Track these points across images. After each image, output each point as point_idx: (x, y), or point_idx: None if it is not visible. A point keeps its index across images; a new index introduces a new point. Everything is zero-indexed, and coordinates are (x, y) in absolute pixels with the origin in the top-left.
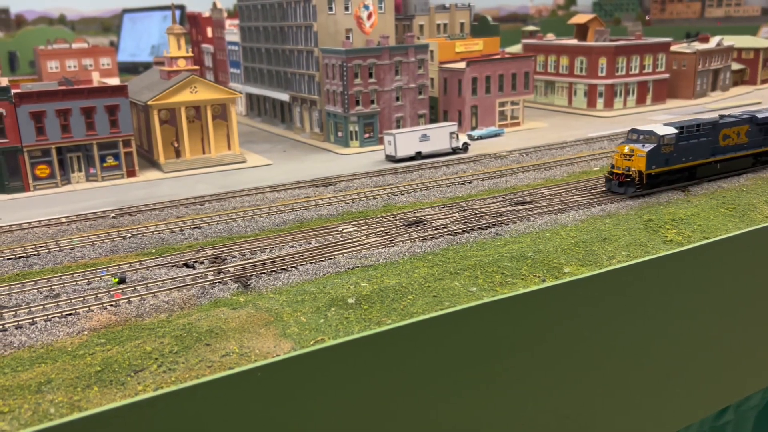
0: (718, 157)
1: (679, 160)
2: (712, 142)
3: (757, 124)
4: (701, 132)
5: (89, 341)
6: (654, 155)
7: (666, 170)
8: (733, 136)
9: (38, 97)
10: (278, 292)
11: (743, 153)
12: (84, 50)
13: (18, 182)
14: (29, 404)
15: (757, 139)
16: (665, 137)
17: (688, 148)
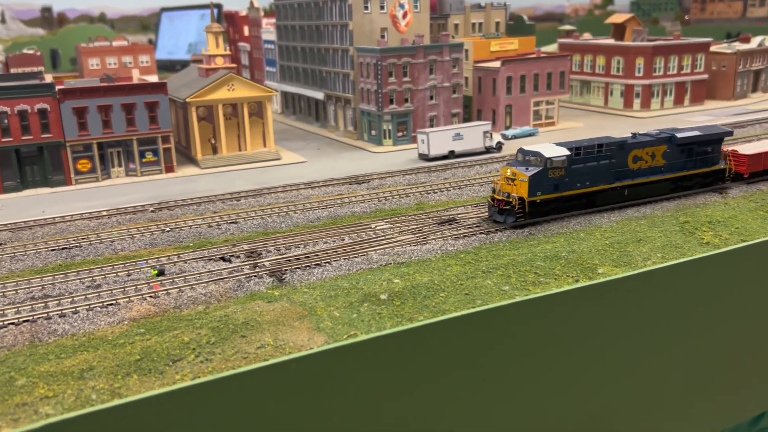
0: (626, 182)
1: (573, 186)
2: (617, 165)
3: (677, 144)
4: (603, 153)
5: (129, 331)
6: (539, 180)
7: (555, 197)
8: (646, 158)
9: (81, 93)
10: (312, 286)
11: (658, 177)
12: (124, 48)
13: (60, 176)
14: (72, 390)
15: (677, 161)
16: (553, 160)
17: (585, 173)
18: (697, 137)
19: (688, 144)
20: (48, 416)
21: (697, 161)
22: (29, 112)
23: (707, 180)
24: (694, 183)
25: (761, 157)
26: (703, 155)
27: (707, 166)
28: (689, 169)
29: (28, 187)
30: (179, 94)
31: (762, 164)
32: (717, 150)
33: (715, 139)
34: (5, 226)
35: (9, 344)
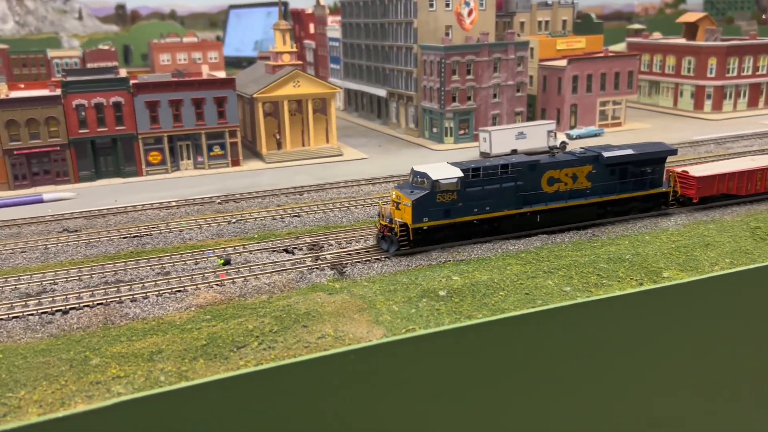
0: (538, 206)
1: (468, 211)
2: (526, 188)
3: (605, 164)
4: (507, 175)
5: (196, 317)
6: (424, 205)
7: (446, 224)
8: (565, 180)
9: (153, 87)
10: (372, 280)
11: (581, 202)
12: (194, 44)
13: (132, 167)
14: (142, 371)
15: (607, 183)
16: (441, 182)
17: (483, 197)
18: (630, 156)
19: (620, 164)
20: (119, 395)
21: (633, 183)
22: (105, 105)
23: (647, 204)
24: (630, 208)
25: (714, 181)
26: (640, 176)
27: (645, 189)
28: (622, 192)
29: (102, 177)
30: (246, 89)
31: (715, 188)
32: (659, 171)
33: (655, 159)
34: (81, 213)
35: (84, 325)
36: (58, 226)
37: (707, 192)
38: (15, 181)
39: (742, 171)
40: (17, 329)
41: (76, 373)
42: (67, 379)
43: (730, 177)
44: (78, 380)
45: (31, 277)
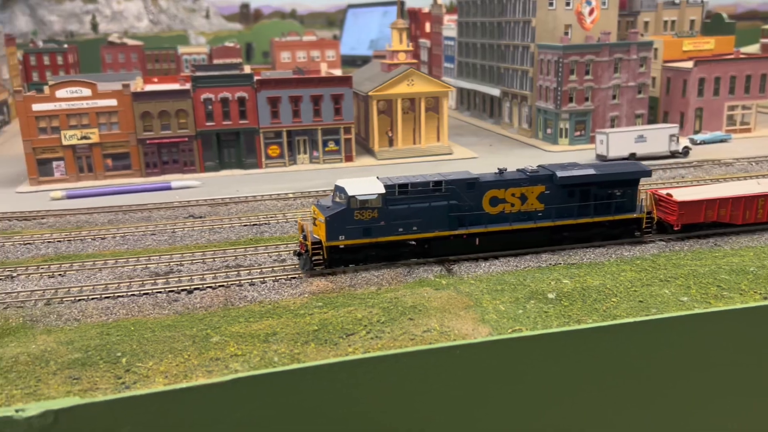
0: (477, 228)
1: (392, 231)
2: (463, 208)
3: (561, 185)
4: (439, 193)
5: (309, 303)
6: (340, 222)
7: (366, 243)
8: (512, 201)
9: (275, 84)
10: (479, 279)
11: (530, 225)
12: (313, 42)
13: (253, 159)
14: (257, 351)
15: (562, 206)
16: (358, 198)
17: (410, 215)
18: (591, 177)
19: (579, 185)
20: (236, 371)
21: (597, 207)
22: (230, 99)
23: (614, 231)
24: (593, 233)
25: (702, 207)
26: (606, 199)
27: (611, 214)
28: (581, 216)
29: (225, 168)
30: (362, 87)
31: (702, 215)
32: (630, 194)
33: (625, 180)
34: (205, 201)
35: (206, 305)
36: (185, 212)
37: (691, 219)
38: (147, 168)
39: (737, 197)
40: (147, 305)
41: (198, 348)
42: (189, 354)
43: (721, 203)
44: (199, 355)
45: (159, 258)
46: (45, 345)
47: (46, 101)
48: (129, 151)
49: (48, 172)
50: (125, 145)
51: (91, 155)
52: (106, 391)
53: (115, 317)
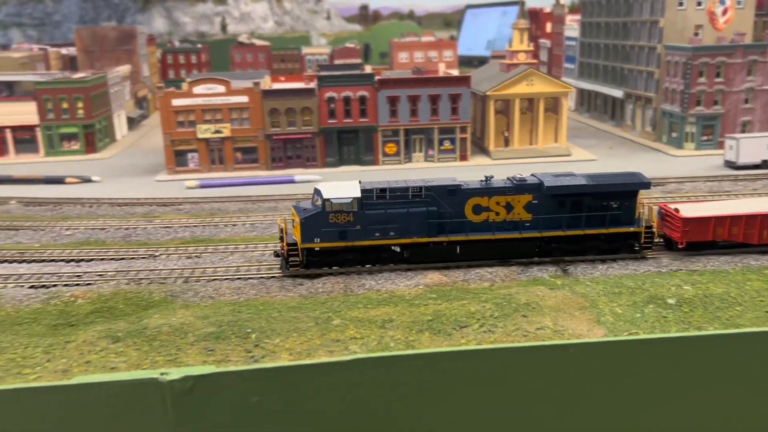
0: (458, 236)
1: (368, 236)
2: (443, 215)
3: (549, 194)
4: (418, 199)
5: (423, 294)
6: (315, 224)
7: (342, 247)
8: (496, 209)
9: (395, 83)
10: (595, 281)
11: (516, 236)
12: (430, 43)
13: (370, 156)
14: (375, 335)
15: (551, 217)
16: (333, 201)
17: (387, 221)
18: (582, 187)
19: (569, 195)
20: (355, 353)
21: (589, 219)
22: (352, 98)
23: (612, 245)
24: (587, 246)
25: (710, 224)
26: (600, 211)
27: (606, 227)
28: (572, 228)
29: (343, 164)
30: (479, 87)
31: (711, 233)
32: (627, 207)
33: (620, 192)
34: None
35: (328, 290)
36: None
37: (699, 237)
38: (272, 162)
39: (751, 215)
40: (274, 287)
41: (320, 330)
42: (312, 334)
43: (733, 221)
44: (321, 336)
45: None
46: (184, 318)
47: (184, 97)
48: (257, 146)
49: (183, 163)
50: (254, 139)
51: (222, 148)
52: (237, 363)
53: (245, 296)
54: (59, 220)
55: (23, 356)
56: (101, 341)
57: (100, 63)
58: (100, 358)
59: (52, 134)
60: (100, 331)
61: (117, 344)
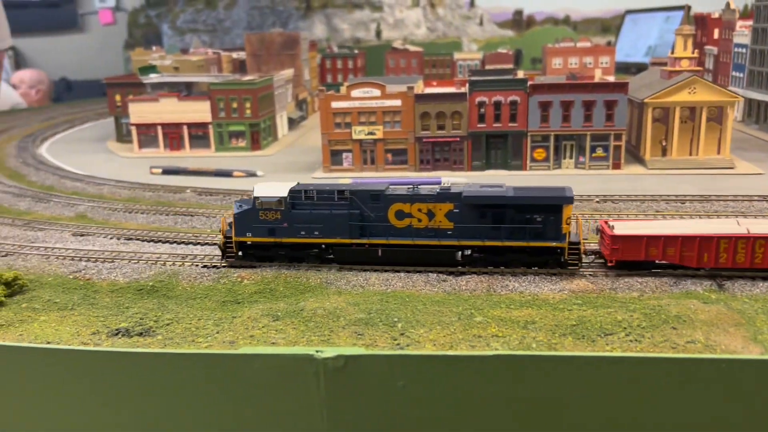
0: (380, 240)
1: (294, 234)
2: (366, 218)
3: (470, 204)
4: (341, 202)
5: (568, 299)
6: (246, 220)
7: (271, 242)
8: (419, 216)
9: (548, 89)
10: (754, 298)
11: (436, 242)
12: (586, 49)
13: (518, 161)
14: (516, 335)
15: (472, 226)
16: (262, 200)
17: (312, 221)
18: (501, 199)
19: (490, 206)
20: (497, 350)
21: (512, 231)
22: (502, 103)
23: (537, 258)
24: (510, 259)
25: (641, 243)
26: (523, 224)
27: (528, 240)
28: (492, 238)
29: (490, 168)
30: (637, 94)
31: (643, 253)
32: (551, 221)
33: (542, 206)
34: None
35: (471, 288)
36: None
37: (629, 255)
38: (420, 164)
39: (688, 236)
40: (420, 281)
41: (463, 325)
42: (455, 328)
43: (667, 241)
44: (464, 331)
45: None
46: (336, 303)
47: (342, 100)
48: (407, 148)
49: (338, 162)
50: (404, 142)
51: (374, 149)
52: (383, 348)
53: (392, 288)
54: (228, 209)
55: (197, 326)
56: (263, 318)
57: (266, 66)
58: (263, 334)
59: (222, 131)
60: (262, 309)
61: (277, 322)
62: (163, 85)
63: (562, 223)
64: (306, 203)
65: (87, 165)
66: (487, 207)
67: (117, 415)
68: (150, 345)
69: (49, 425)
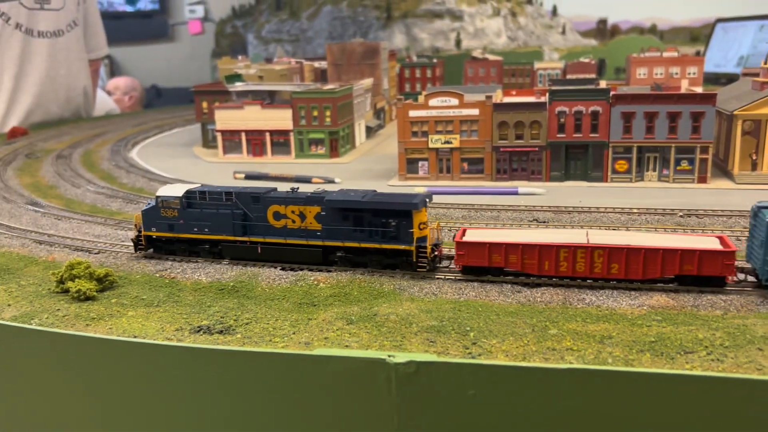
0: (259, 238)
1: (189, 230)
2: (248, 218)
3: (333, 208)
4: (227, 203)
5: (647, 315)
6: (151, 216)
7: (171, 237)
8: (292, 217)
9: (631, 99)
10: None
11: (305, 242)
12: (673, 59)
13: (599, 173)
14: (592, 349)
15: (336, 228)
16: (163, 198)
17: (202, 219)
18: (357, 203)
19: (351, 210)
20: (571, 363)
21: (371, 233)
22: (583, 113)
23: (392, 260)
24: (371, 260)
25: (485, 250)
26: (381, 227)
27: (382, 242)
28: (352, 240)
29: (569, 179)
30: (726, 106)
31: (487, 259)
32: (403, 226)
33: (391, 211)
34: (549, 207)
35: (546, 301)
36: (530, 215)
37: (474, 261)
38: (497, 174)
39: (529, 244)
40: (493, 292)
41: (537, 337)
42: (528, 340)
43: (509, 248)
44: (537, 343)
45: None
46: (409, 310)
47: (420, 108)
48: (483, 157)
49: (414, 170)
50: (481, 151)
51: (450, 158)
52: (455, 356)
53: (465, 297)
54: None
55: (274, 327)
56: (338, 321)
57: (346, 75)
58: (337, 336)
59: (303, 138)
60: (337, 312)
61: (351, 326)
62: (248, 93)
63: (412, 228)
64: (199, 203)
65: (175, 168)
66: (348, 210)
67: (192, 407)
68: (229, 343)
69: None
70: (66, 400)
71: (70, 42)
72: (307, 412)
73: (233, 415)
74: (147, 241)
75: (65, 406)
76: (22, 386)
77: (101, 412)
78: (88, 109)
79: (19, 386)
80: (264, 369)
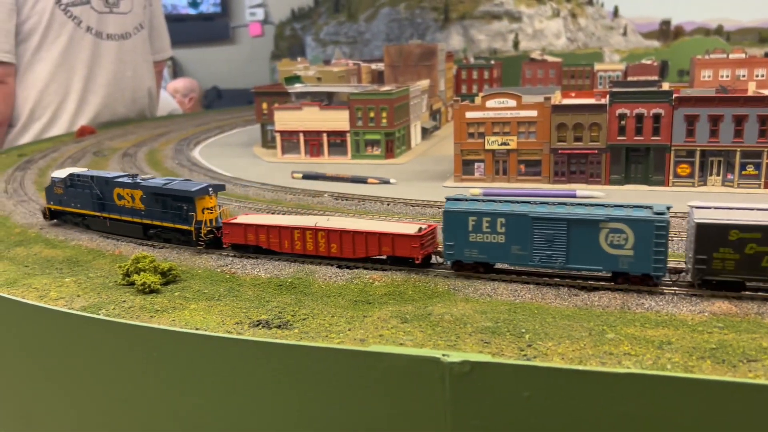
0: (107, 214)
1: (69, 204)
2: (103, 198)
3: (149, 192)
4: (91, 184)
5: (708, 321)
6: (50, 192)
7: (61, 210)
8: (128, 199)
9: (695, 102)
10: None
11: (133, 219)
12: (739, 60)
13: (660, 176)
14: (650, 355)
15: (154, 209)
16: (54, 179)
17: (76, 196)
18: (159, 189)
19: (157, 194)
20: (629, 368)
21: (172, 215)
22: (645, 115)
23: (184, 238)
24: (172, 236)
25: (242, 230)
26: (176, 210)
27: (176, 222)
28: (162, 220)
29: (629, 182)
30: None
31: (243, 238)
32: (189, 209)
33: (179, 196)
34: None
35: (604, 305)
36: None
37: (236, 239)
38: (554, 176)
39: (273, 225)
40: (550, 294)
41: (593, 341)
42: (585, 344)
43: (259, 229)
44: (594, 347)
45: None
46: (464, 310)
47: (477, 110)
48: (541, 159)
49: (469, 172)
50: (538, 153)
51: (507, 160)
52: (510, 358)
53: (521, 299)
54: (362, 213)
55: (330, 323)
56: (392, 320)
57: (403, 77)
58: (391, 334)
59: (359, 140)
60: (391, 311)
61: (405, 324)
62: (306, 94)
63: (195, 212)
64: (75, 183)
65: (235, 168)
66: (157, 195)
67: (250, 400)
68: (287, 337)
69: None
70: (125, 389)
71: (136, 44)
72: (361, 407)
73: (288, 407)
74: (50, 213)
75: (124, 393)
76: (85, 374)
77: (160, 400)
78: (152, 110)
79: (83, 374)
80: (320, 363)
